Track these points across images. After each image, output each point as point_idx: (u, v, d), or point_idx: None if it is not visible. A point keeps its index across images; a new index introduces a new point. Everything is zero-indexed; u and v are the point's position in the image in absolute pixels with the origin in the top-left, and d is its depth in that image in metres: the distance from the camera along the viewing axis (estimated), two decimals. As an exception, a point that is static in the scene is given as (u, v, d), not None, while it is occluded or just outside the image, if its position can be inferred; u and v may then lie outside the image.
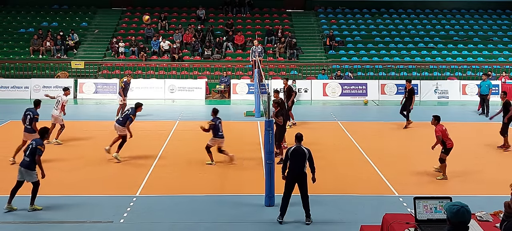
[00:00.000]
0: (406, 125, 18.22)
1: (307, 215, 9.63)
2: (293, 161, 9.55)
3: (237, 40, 29.86)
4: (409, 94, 18.33)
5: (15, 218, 9.94)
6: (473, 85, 25.43)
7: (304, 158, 9.53)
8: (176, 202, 10.88)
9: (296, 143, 9.74)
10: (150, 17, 23.18)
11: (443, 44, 30.47)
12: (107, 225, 9.65)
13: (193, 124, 18.85)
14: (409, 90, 18.38)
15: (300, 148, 9.63)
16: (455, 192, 11.25)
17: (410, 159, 14.50)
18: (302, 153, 9.55)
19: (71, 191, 11.53)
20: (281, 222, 9.61)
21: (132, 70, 27.48)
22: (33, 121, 13.49)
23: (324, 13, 33.90)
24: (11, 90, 25.21)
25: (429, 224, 6.77)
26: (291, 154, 9.58)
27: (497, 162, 14.33)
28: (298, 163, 9.53)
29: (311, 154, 9.64)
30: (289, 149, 9.69)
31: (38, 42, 28.80)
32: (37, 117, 13.62)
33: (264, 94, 16.14)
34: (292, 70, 27.94)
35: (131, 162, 13.78)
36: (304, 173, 9.56)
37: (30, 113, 13.65)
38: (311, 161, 9.62)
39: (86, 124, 19.13)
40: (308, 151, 9.60)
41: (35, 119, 13.53)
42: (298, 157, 9.54)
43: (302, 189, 9.57)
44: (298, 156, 9.54)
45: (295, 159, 9.55)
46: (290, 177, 9.59)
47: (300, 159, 9.53)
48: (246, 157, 14.53)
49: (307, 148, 9.70)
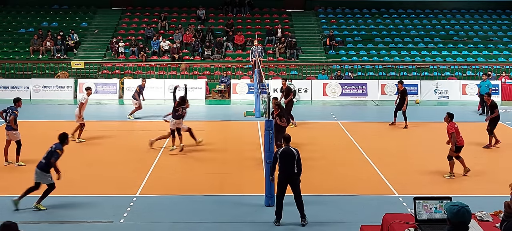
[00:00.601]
0: (405, 125, 18.19)
1: (302, 216, 9.58)
2: (282, 162, 9.50)
3: (237, 40, 29.86)
4: (402, 95, 18.32)
5: (15, 218, 9.89)
6: (473, 85, 25.43)
7: (293, 159, 9.46)
8: (176, 202, 10.88)
9: (285, 144, 9.69)
10: (187, 66, 23.89)
11: (443, 44, 30.47)
12: (107, 225, 9.65)
13: (193, 124, 18.86)
14: (402, 92, 18.38)
15: (289, 149, 9.57)
16: (455, 192, 11.24)
17: (410, 159, 14.50)
18: (291, 154, 9.49)
19: (71, 191, 11.52)
20: (278, 225, 9.56)
21: (132, 70, 27.50)
22: (11, 116, 13.37)
23: (324, 13, 33.90)
24: (11, 90, 25.18)
25: (429, 224, 6.75)
26: (280, 155, 9.53)
27: (497, 162, 14.34)
28: (287, 165, 9.47)
29: (300, 155, 9.59)
30: (278, 151, 9.65)
31: (38, 42, 28.80)
32: (16, 113, 13.51)
33: (264, 94, 16.15)
34: (292, 70, 27.95)
35: (131, 162, 13.77)
36: (295, 174, 9.49)
37: (10, 111, 13.55)
38: (299, 163, 9.53)
39: (86, 123, 19.06)
40: (297, 152, 9.57)
41: (14, 114, 13.44)
42: (287, 158, 9.47)
43: (295, 190, 9.51)
44: (287, 157, 9.48)
45: (284, 160, 9.48)
46: (281, 178, 9.53)
47: (289, 160, 9.46)
48: (246, 157, 14.54)
49: (296, 149, 9.67)
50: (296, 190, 9.52)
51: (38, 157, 11.66)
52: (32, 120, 20.00)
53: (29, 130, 17.97)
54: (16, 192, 10.53)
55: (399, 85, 18.78)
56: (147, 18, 32.52)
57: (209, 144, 16.11)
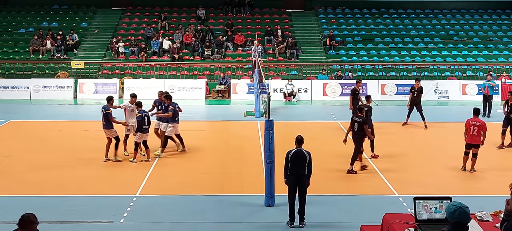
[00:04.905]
0: (425, 125, 18.18)
1: (301, 219, 9.54)
2: (293, 164, 9.41)
3: (237, 40, 29.86)
4: (418, 93, 18.35)
5: (15, 218, 9.91)
6: (473, 85, 25.44)
7: (304, 161, 9.40)
8: (176, 202, 10.88)
9: (297, 146, 9.59)
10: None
11: (443, 44, 30.46)
12: (107, 225, 9.65)
13: (193, 124, 18.88)
14: (418, 90, 18.37)
15: (300, 151, 9.50)
16: (455, 192, 11.24)
17: (410, 158, 14.48)
18: (303, 156, 9.42)
19: (71, 191, 11.53)
20: (292, 226, 9.51)
21: (132, 70, 27.50)
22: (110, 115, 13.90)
23: (324, 13, 33.89)
24: (11, 90, 25.20)
25: (429, 224, 6.76)
26: (291, 157, 9.44)
27: (497, 162, 14.31)
28: (298, 167, 9.40)
29: (311, 157, 9.52)
30: (290, 152, 9.53)
31: (38, 42, 28.79)
32: (109, 111, 13.96)
33: (264, 94, 16.16)
34: (292, 70, 27.94)
35: (131, 162, 13.75)
36: (304, 176, 9.45)
37: (103, 110, 13.96)
38: (309, 165, 9.48)
39: (86, 123, 19.11)
40: (309, 154, 9.50)
41: (107, 113, 13.91)
42: (298, 161, 9.40)
43: (301, 191, 9.48)
44: (298, 159, 9.41)
45: (295, 162, 9.41)
46: (291, 181, 9.48)
47: (301, 163, 9.39)
48: (246, 157, 14.54)
49: (308, 151, 9.60)
50: (302, 191, 9.48)
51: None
52: (32, 120, 20.04)
53: (29, 129, 18.01)
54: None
55: (416, 83, 18.62)
56: (147, 18, 32.50)
57: (209, 144, 16.12)
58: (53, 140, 16.37)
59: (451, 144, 15.72)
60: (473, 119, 12.74)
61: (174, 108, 14.37)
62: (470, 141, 12.69)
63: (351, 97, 17.42)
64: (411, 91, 18.61)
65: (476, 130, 12.55)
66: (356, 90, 17.49)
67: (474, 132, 12.58)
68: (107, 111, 13.88)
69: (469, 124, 12.71)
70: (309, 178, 9.56)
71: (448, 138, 17.01)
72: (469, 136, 12.68)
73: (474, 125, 12.62)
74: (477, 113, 12.93)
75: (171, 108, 14.34)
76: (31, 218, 5.68)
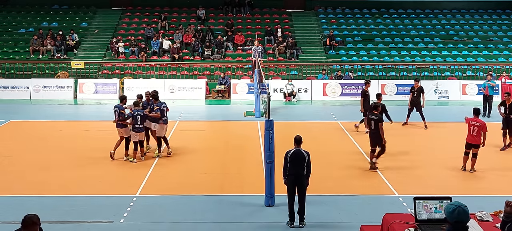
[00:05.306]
0: (425, 125, 18.20)
1: (300, 219, 9.54)
2: (292, 164, 9.43)
3: (237, 40, 29.86)
4: (419, 93, 18.37)
5: (15, 218, 9.92)
6: (473, 85, 25.43)
7: (303, 161, 9.41)
8: (176, 202, 10.88)
9: (295, 146, 9.59)
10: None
11: (443, 44, 30.46)
12: (107, 225, 9.65)
13: (193, 124, 18.88)
14: (418, 89, 18.40)
15: (299, 151, 9.50)
16: (455, 192, 11.24)
17: (410, 158, 14.47)
18: (302, 157, 9.44)
19: (71, 191, 11.53)
20: (292, 226, 9.53)
21: (132, 70, 27.50)
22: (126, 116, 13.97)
23: (324, 13, 33.89)
24: (11, 90, 25.20)
25: (429, 224, 6.76)
26: (290, 157, 9.45)
27: (497, 162, 14.31)
28: (297, 167, 9.41)
29: (310, 158, 9.54)
30: (288, 153, 9.54)
31: (38, 42, 28.79)
32: (123, 111, 14.00)
33: (264, 94, 16.15)
34: (292, 70, 27.95)
35: (131, 162, 13.75)
36: (303, 176, 9.47)
37: (117, 110, 13.98)
38: (308, 165, 9.50)
39: (86, 123, 19.12)
40: (307, 154, 9.51)
41: (122, 113, 13.96)
42: (297, 161, 9.42)
43: (300, 191, 9.49)
44: (297, 159, 9.43)
45: (294, 162, 9.42)
46: (290, 181, 9.49)
47: (299, 163, 9.41)
48: (246, 157, 14.54)
49: (307, 151, 9.61)
50: (302, 191, 9.48)
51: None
52: (32, 120, 20.05)
53: (29, 129, 18.02)
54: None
55: (415, 83, 18.69)
56: (147, 18, 32.50)
57: (209, 144, 16.12)
58: (53, 140, 16.37)
59: (451, 144, 15.71)
60: (473, 119, 12.73)
61: (160, 108, 14.25)
62: (470, 140, 12.69)
63: (362, 99, 17.43)
64: (411, 92, 18.64)
65: (476, 130, 12.54)
66: (366, 91, 17.56)
67: (474, 132, 12.59)
68: (121, 111, 13.96)
69: (469, 124, 12.71)
70: (308, 178, 9.57)
71: (448, 138, 17.01)
72: (469, 136, 12.68)
73: (474, 125, 12.62)
74: (477, 114, 12.92)
75: (157, 108, 14.22)
76: (34, 219, 5.69)
